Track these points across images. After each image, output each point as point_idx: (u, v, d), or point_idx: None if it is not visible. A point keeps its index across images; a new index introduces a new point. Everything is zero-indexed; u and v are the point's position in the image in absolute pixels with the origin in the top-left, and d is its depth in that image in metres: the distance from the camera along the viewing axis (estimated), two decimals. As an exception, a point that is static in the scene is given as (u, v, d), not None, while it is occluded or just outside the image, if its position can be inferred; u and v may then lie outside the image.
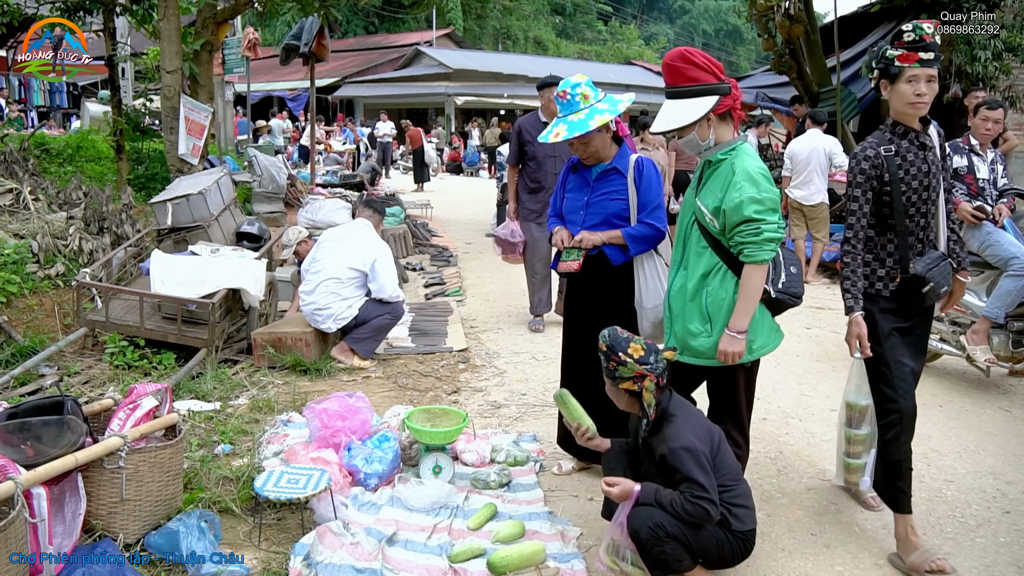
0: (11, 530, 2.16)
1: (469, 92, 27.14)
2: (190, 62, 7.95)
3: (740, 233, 2.72)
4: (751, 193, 2.69)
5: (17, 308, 5.34)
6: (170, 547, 2.71)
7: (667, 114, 2.83)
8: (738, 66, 54.31)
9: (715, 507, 2.45)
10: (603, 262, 3.38)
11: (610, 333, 2.64)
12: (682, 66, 2.78)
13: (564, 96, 3.28)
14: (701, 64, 2.77)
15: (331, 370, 5.00)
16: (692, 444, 2.50)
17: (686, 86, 2.79)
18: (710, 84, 2.77)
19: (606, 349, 2.62)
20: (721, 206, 2.75)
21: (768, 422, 4.28)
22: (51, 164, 9.10)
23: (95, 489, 2.72)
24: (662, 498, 2.50)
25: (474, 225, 11.98)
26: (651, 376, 2.58)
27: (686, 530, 2.49)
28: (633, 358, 2.58)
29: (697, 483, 2.45)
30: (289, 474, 3.07)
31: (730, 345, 2.76)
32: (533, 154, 5.80)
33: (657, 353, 2.63)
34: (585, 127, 3.21)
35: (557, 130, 3.26)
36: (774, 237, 2.69)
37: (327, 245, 5.25)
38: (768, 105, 11.51)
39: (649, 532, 2.47)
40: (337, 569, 2.73)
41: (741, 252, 2.74)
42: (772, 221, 2.70)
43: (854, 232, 2.86)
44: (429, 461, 3.44)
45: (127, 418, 2.91)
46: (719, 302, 2.81)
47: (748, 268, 2.73)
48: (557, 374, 3.83)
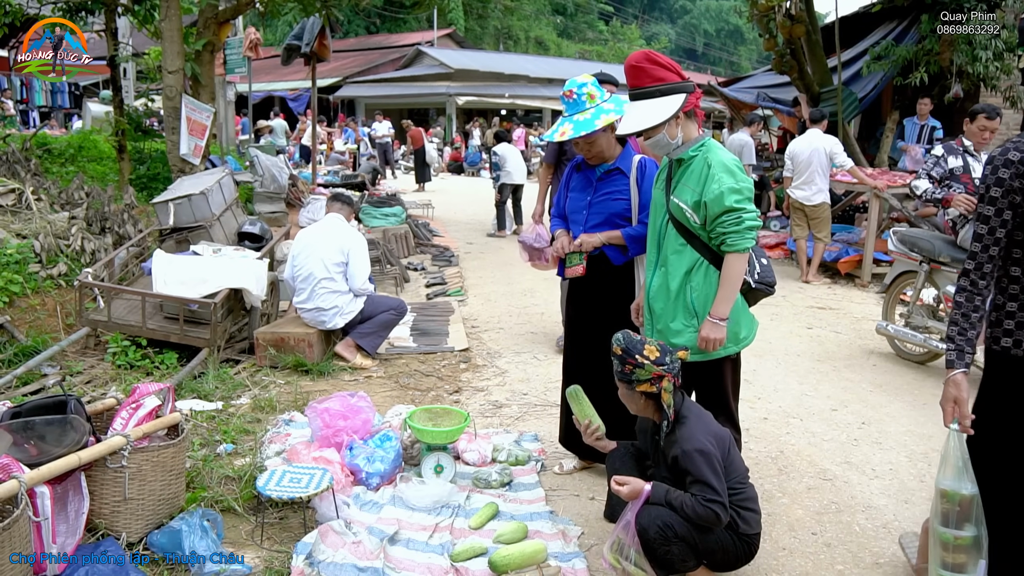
0: (15, 528, 2.17)
1: (470, 92, 27.17)
2: (192, 62, 7.97)
3: (722, 223, 2.78)
4: (730, 184, 2.77)
5: (20, 308, 5.36)
6: (173, 546, 2.72)
7: (635, 115, 2.87)
8: (739, 66, 54.36)
9: (725, 511, 2.46)
10: (604, 262, 3.40)
11: (624, 337, 2.63)
12: (648, 66, 2.83)
13: (571, 95, 3.30)
14: (666, 64, 2.84)
15: (333, 370, 5.01)
16: (705, 447, 2.50)
17: (652, 86, 2.83)
18: (676, 83, 2.83)
19: (621, 353, 2.61)
20: (701, 199, 2.81)
21: (769, 422, 4.29)
22: (53, 164, 9.11)
23: (98, 488, 2.73)
24: (673, 499, 2.50)
25: (475, 225, 11.99)
26: (668, 376, 2.59)
27: (694, 532, 2.49)
28: (650, 360, 2.57)
29: (709, 486, 2.45)
30: (291, 473, 3.08)
31: (712, 332, 2.82)
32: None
33: (672, 353, 2.63)
34: (591, 126, 3.22)
35: (563, 129, 3.27)
36: (754, 225, 2.77)
37: (305, 250, 5.20)
38: (769, 105, 11.52)
39: (658, 531, 2.47)
40: (339, 568, 2.74)
41: (724, 242, 2.80)
42: (751, 210, 2.79)
43: (977, 263, 2.27)
44: (431, 460, 3.45)
45: (130, 417, 2.92)
46: (704, 297, 2.87)
47: (730, 257, 2.79)
48: (558, 374, 3.83)
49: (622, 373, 2.63)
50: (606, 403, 3.07)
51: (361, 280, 5.18)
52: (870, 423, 4.29)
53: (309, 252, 5.16)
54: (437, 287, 7.65)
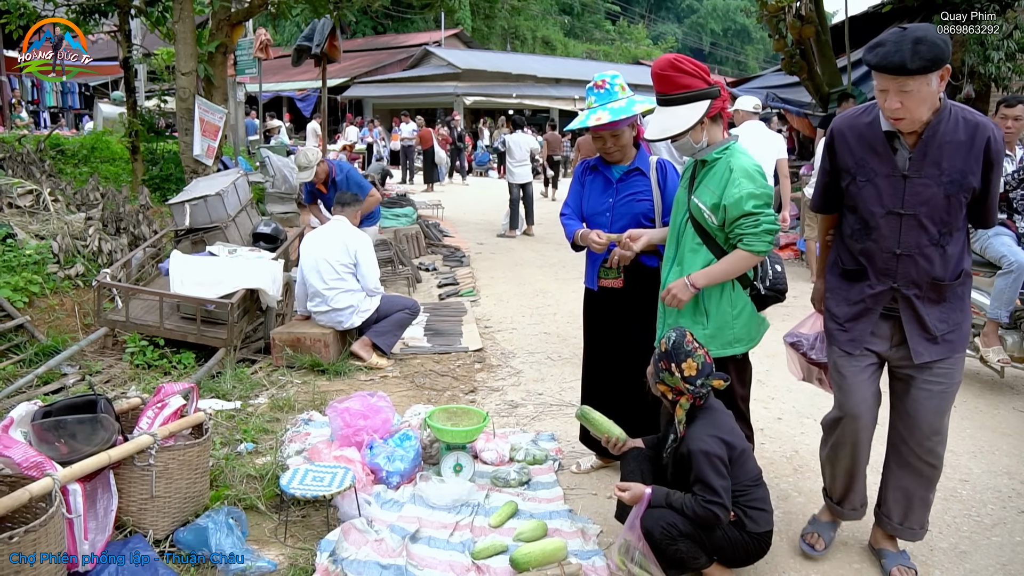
0: (50, 525, 2.22)
1: (478, 92, 27.22)
2: (205, 64, 8.02)
3: (740, 226, 2.83)
4: (750, 189, 2.81)
5: (39, 308, 5.42)
6: (199, 543, 2.76)
7: (662, 121, 2.91)
8: (746, 66, 54.24)
9: (725, 511, 2.50)
10: (638, 268, 3.36)
11: (678, 336, 2.65)
12: (672, 75, 2.86)
13: (602, 85, 3.29)
14: (690, 71, 2.87)
15: (349, 370, 5.05)
16: (710, 448, 2.54)
17: (676, 94, 2.87)
18: (701, 90, 2.86)
19: (664, 351, 2.64)
20: (720, 202, 2.85)
21: (783, 422, 4.31)
22: (67, 165, 9.19)
23: (126, 486, 2.78)
24: (673, 501, 2.56)
25: (484, 225, 12.03)
26: (688, 396, 2.62)
27: (699, 529, 2.53)
28: (682, 375, 2.60)
29: (710, 487, 2.50)
30: (314, 472, 3.12)
31: (681, 291, 2.89)
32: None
33: (708, 377, 2.63)
34: (630, 111, 3.23)
35: (599, 115, 3.24)
36: (772, 229, 2.81)
37: (310, 259, 5.21)
38: (778, 105, 11.52)
39: (662, 531, 2.51)
40: (363, 565, 2.77)
41: (741, 241, 2.84)
42: (769, 214, 2.83)
43: None
44: (450, 460, 3.49)
45: (155, 417, 2.97)
46: (716, 297, 2.92)
47: (741, 252, 2.84)
48: (573, 374, 3.86)
49: (656, 364, 2.68)
50: (631, 402, 3.10)
51: (373, 281, 5.23)
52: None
53: (316, 258, 5.17)
54: (449, 287, 7.69)
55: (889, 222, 2.55)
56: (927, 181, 2.47)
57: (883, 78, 2.36)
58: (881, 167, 2.54)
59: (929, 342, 2.60)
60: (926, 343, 2.61)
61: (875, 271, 2.62)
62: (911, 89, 2.32)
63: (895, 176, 2.52)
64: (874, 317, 2.66)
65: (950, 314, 2.61)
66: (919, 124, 2.43)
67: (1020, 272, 4.60)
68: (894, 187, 2.52)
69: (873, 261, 2.62)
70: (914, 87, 2.32)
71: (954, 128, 2.44)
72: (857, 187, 2.60)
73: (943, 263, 2.54)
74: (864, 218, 2.60)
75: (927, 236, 2.51)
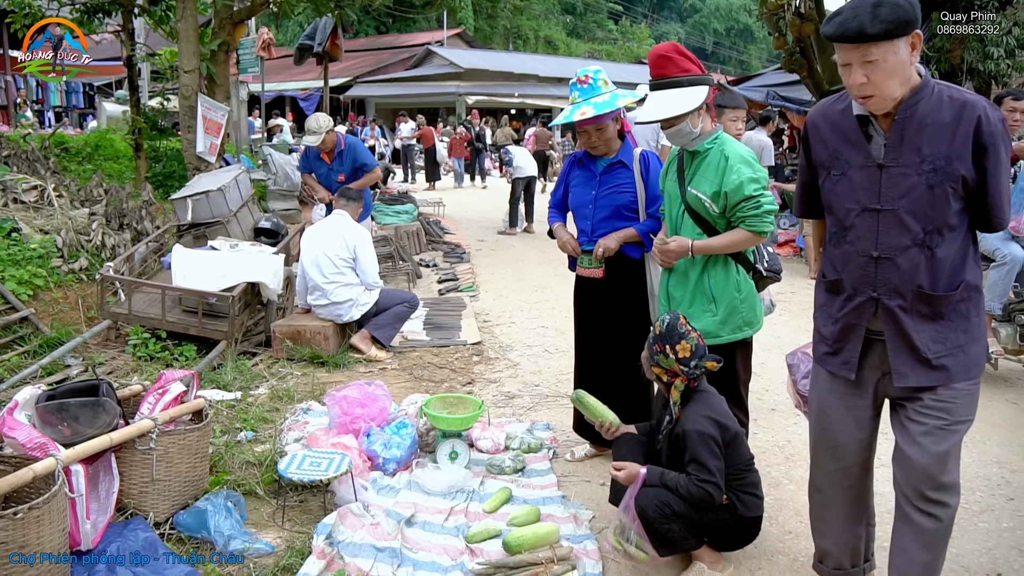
0: (53, 503, 2.28)
1: (480, 91, 27.27)
2: (207, 62, 8.09)
3: (742, 209, 2.91)
4: (749, 174, 2.89)
5: (43, 301, 5.49)
6: (198, 525, 2.83)
7: (659, 104, 2.94)
8: (749, 65, 54.20)
9: (719, 491, 2.55)
10: (621, 259, 3.45)
11: (672, 319, 2.70)
12: (676, 57, 2.93)
13: (585, 80, 3.34)
14: (691, 57, 2.97)
15: (348, 362, 5.11)
16: (704, 428, 2.59)
17: (678, 76, 2.92)
18: (701, 75, 2.95)
19: (659, 334, 2.70)
20: (720, 189, 2.92)
21: (777, 412, 4.36)
22: (71, 162, 9.26)
23: (127, 469, 2.84)
24: (668, 480, 2.61)
25: (485, 223, 12.10)
26: (683, 377, 2.68)
27: (692, 509, 2.58)
28: (677, 356, 2.66)
29: (704, 466, 2.54)
30: (311, 457, 3.18)
31: (677, 246, 2.97)
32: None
33: (701, 359, 2.69)
34: (613, 105, 3.28)
35: (583, 109, 3.29)
36: (771, 209, 2.90)
37: (310, 254, 5.28)
38: (779, 104, 11.55)
39: (656, 510, 2.56)
40: (358, 548, 2.83)
41: (743, 222, 2.92)
42: (768, 195, 2.93)
43: None
44: (446, 447, 3.54)
45: (156, 402, 3.03)
46: (723, 282, 2.99)
47: (744, 231, 2.92)
48: (570, 366, 3.91)
49: (650, 347, 2.73)
50: (622, 390, 3.15)
51: (372, 275, 5.29)
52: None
53: (315, 253, 5.24)
54: (449, 283, 7.75)
55: (865, 220, 2.17)
56: (906, 170, 2.09)
57: (844, 49, 2.04)
58: (855, 157, 2.18)
59: (917, 363, 2.16)
60: (912, 363, 2.16)
61: (853, 279, 2.23)
62: (875, 58, 1.99)
63: (869, 166, 2.15)
64: (860, 334, 2.25)
65: (948, 334, 2.15)
66: (891, 103, 2.07)
67: (1013, 265, 4.65)
68: (869, 179, 2.15)
69: (850, 267, 2.24)
70: (878, 55, 1.99)
71: (936, 107, 2.06)
72: (832, 182, 2.25)
73: (930, 269, 2.12)
74: (839, 218, 2.25)
75: (909, 235, 2.11)
